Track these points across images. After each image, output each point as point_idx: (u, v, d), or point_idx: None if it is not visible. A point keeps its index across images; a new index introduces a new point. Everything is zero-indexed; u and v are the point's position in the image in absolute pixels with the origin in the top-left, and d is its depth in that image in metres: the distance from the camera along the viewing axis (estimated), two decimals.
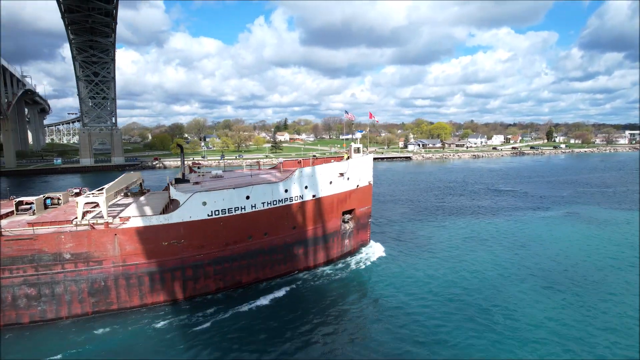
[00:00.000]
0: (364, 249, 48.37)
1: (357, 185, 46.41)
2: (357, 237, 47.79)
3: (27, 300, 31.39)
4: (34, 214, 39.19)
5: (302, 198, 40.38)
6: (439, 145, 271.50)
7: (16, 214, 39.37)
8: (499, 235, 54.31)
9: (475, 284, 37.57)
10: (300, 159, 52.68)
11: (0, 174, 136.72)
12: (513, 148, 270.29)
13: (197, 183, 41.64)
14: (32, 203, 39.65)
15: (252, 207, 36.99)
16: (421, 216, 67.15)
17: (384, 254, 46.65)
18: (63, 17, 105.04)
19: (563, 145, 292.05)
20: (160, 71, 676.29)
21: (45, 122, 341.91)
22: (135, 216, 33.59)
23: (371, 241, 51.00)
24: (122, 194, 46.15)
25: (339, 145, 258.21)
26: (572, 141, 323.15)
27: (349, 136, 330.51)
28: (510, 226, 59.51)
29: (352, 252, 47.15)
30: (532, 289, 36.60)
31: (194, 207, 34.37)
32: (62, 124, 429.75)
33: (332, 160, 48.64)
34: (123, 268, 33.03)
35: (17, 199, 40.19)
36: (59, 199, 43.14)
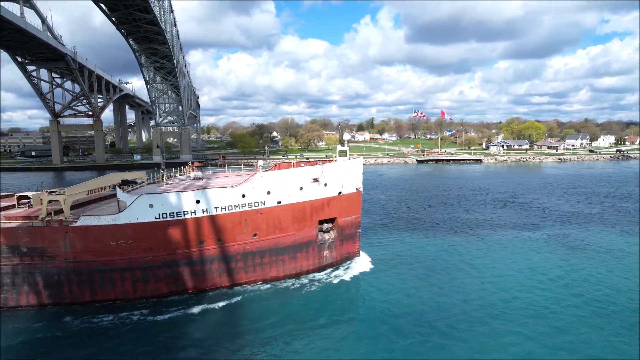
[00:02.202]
0: (351, 262, 43.92)
1: (339, 193, 42.20)
2: (340, 248, 43.58)
3: None
4: (29, 207, 42.86)
5: (263, 204, 37.82)
6: (525, 146, 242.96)
7: (16, 207, 43.48)
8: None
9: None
10: (296, 161, 49.80)
11: (91, 168, 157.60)
12: (618, 151, 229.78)
13: (168, 184, 41.69)
14: (29, 198, 43.40)
15: (203, 211, 35.60)
16: (417, 227, 59.34)
17: (367, 270, 41.83)
18: (118, 28, 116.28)
19: None
20: (270, 73, 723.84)
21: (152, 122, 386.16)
22: (85, 215, 34.50)
23: (362, 253, 46.28)
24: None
25: (412, 145, 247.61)
26: None
27: (433, 135, 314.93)
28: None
29: (335, 265, 43.13)
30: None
31: (141, 209, 34.12)
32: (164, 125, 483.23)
33: (320, 163, 44.80)
34: (74, 264, 34.15)
35: (20, 194, 44.41)
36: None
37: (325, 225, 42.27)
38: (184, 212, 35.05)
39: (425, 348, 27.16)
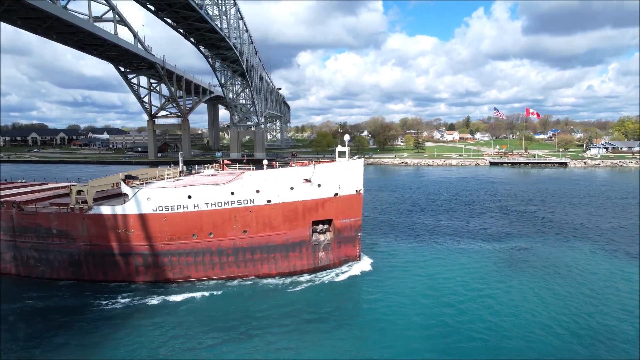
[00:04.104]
0: (350, 266, 43.03)
1: (335, 194, 41.61)
2: (338, 251, 42.97)
3: (34, 261, 41.25)
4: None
5: (252, 202, 39.15)
6: (637, 149, 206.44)
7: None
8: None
9: None
10: (315, 161, 49.92)
11: (177, 162, 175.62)
12: None
13: (175, 180, 45.19)
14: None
15: (194, 206, 38.24)
16: (435, 235, 54.20)
17: (358, 274, 40.68)
18: (187, 38, 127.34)
19: None
20: (376, 71, 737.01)
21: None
22: (98, 204, 39.52)
23: (366, 258, 44.96)
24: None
25: (497, 146, 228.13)
26: None
27: (539, 135, 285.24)
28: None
29: (332, 267, 42.71)
30: None
31: (141, 202, 37.99)
32: (263, 124, 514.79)
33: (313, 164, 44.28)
34: (89, 247, 39.48)
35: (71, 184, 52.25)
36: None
37: (320, 227, 42.07)
38: (177, 206, 38.06)
39: None
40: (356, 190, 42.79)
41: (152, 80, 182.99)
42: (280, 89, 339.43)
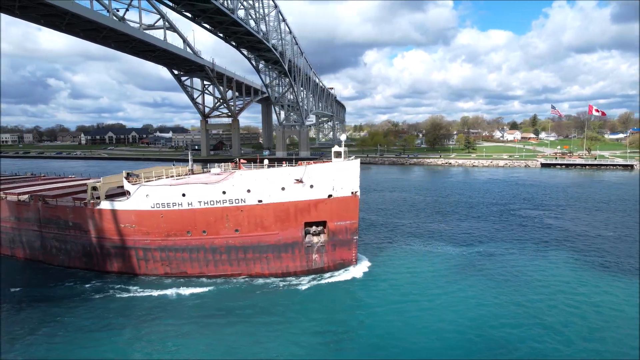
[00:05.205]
0: (344, 270, 41.82)
1: (329, 195, 40.61)
2: (332, 254, 41.94)
3: (56, 250, 45.37)
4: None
5: (244, 202, 39.50)
6: None
7: None
8: None
9: None
10: (314, 161, 49.33)
11: (226, 160, 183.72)
12: None
13: (182, 177, 46.74)
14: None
15: (188, 204, 39.46)
16: (445, 241, 49.90)
17: (350, 278, 39.44)
18: (227, 41, 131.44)
19: None
20: (445, 68, 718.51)
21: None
22: (110, 200, 42.24)
23: (364, 262, 43.45)
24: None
25: (558, 147, 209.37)
26: None
27: (615, 135, 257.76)
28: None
29: (326, 270, 41.83)
30: None
31: (141, 198, 40.04)
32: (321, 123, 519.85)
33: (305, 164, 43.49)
34: (98, 240, 42.49)
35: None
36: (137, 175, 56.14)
37: (314, 228, 41.33)
38: (172, 203, 39.54)
39: None
40: (352, 192, 41.43)
41: (205, 82, 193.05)
42: (332, 88, 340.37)
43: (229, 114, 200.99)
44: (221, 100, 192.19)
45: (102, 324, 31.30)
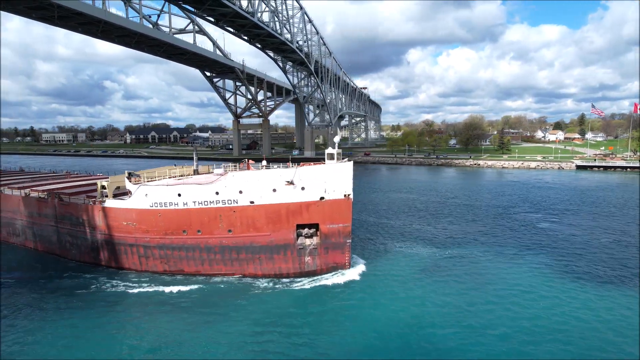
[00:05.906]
0: (337, 273, 41.34)
1: (321, 198, 40.27)
2: (325, 257, 41.58)
3: (69, 245, 48.28)
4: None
5: (236, 202, 40.04)
6: None
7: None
8: None
9: None
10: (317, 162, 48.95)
11: (257, 159, 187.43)
12: None
13: (183, 177, 47.99)
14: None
15: (184, 204, 40.59)
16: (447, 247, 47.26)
17: (342, 282, 38.84)
18: (252, 44, 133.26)
19: None
20: (493, 66, 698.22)
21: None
22: (118, 198, 44.28)
23: (360, 265, 42.74)
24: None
25: (602, 147, 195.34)
26: None
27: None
28: None
29: (319, 273, 41.56)
30: None
31: (140, 198, 41.69)
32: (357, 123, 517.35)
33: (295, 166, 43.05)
34: (103, 236, 44.73)
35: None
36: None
37: (306, 231, 41.14)
38: (169, 203, 40.84)
39: None
40: (345, 195, 40.83)
41: (237, 83, 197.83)
42: (365, 88, 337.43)
43: (260, 114, 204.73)
44: (252, 101, 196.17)
45: (102, 324, 32.91)
